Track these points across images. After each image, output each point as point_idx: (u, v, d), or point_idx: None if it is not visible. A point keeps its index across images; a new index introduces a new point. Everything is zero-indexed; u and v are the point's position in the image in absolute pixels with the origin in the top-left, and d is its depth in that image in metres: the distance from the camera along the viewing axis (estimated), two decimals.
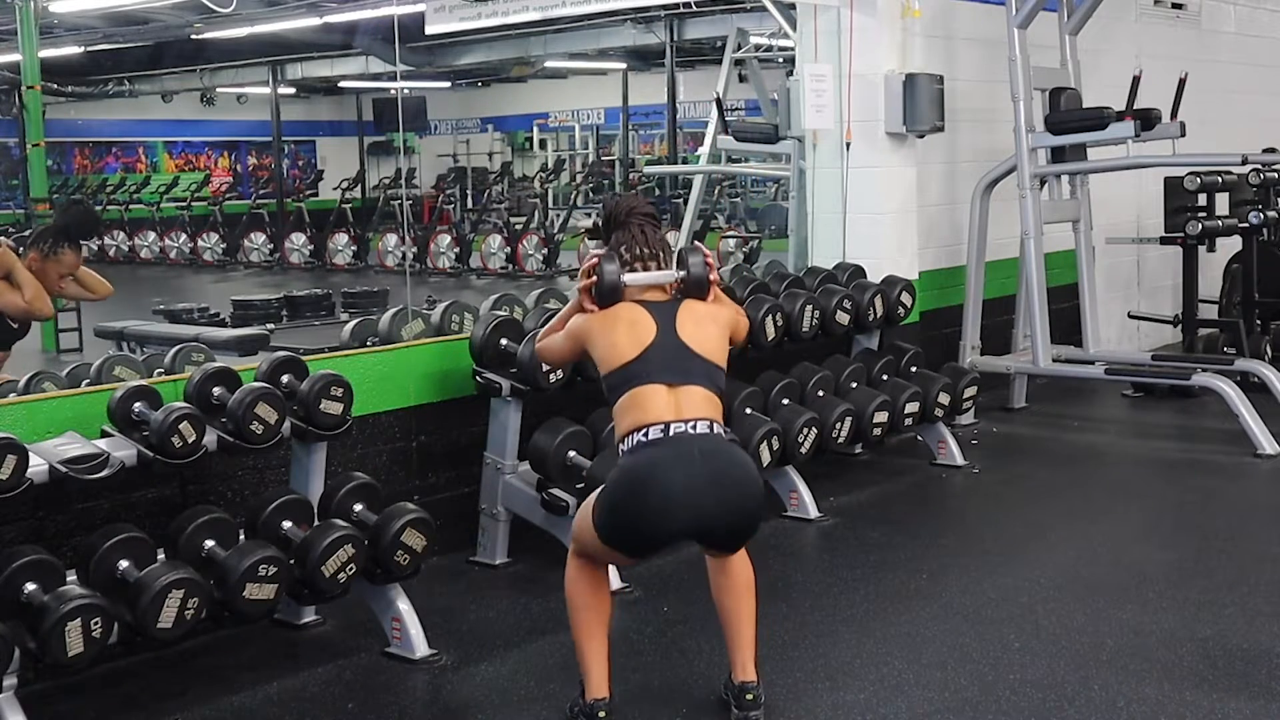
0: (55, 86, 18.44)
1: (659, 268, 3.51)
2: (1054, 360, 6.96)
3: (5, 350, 5.67)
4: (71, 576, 3.56)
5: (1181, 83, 6.82)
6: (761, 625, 3.52)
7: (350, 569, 3.82)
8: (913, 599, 4.44)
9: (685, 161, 17.75)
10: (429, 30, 9.36)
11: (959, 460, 6.13)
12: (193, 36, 15.41)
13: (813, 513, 5.32)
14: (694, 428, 3.27)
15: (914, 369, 6.16)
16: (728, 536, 3.35)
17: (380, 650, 4.04)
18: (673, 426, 3.26)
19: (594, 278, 3.42)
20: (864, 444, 6.08)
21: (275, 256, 18.02)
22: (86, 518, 3.88)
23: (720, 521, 3.29)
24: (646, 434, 3.27)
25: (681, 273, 3.47)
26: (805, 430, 5.29)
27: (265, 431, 3.87)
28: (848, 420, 5.54)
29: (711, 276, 3.48)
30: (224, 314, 11.07)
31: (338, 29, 14.77)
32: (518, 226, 17.17)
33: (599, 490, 3.38)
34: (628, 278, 3.45)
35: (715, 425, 3.32)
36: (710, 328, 3.44)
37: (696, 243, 3.67)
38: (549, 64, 19.45)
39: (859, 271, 6.38)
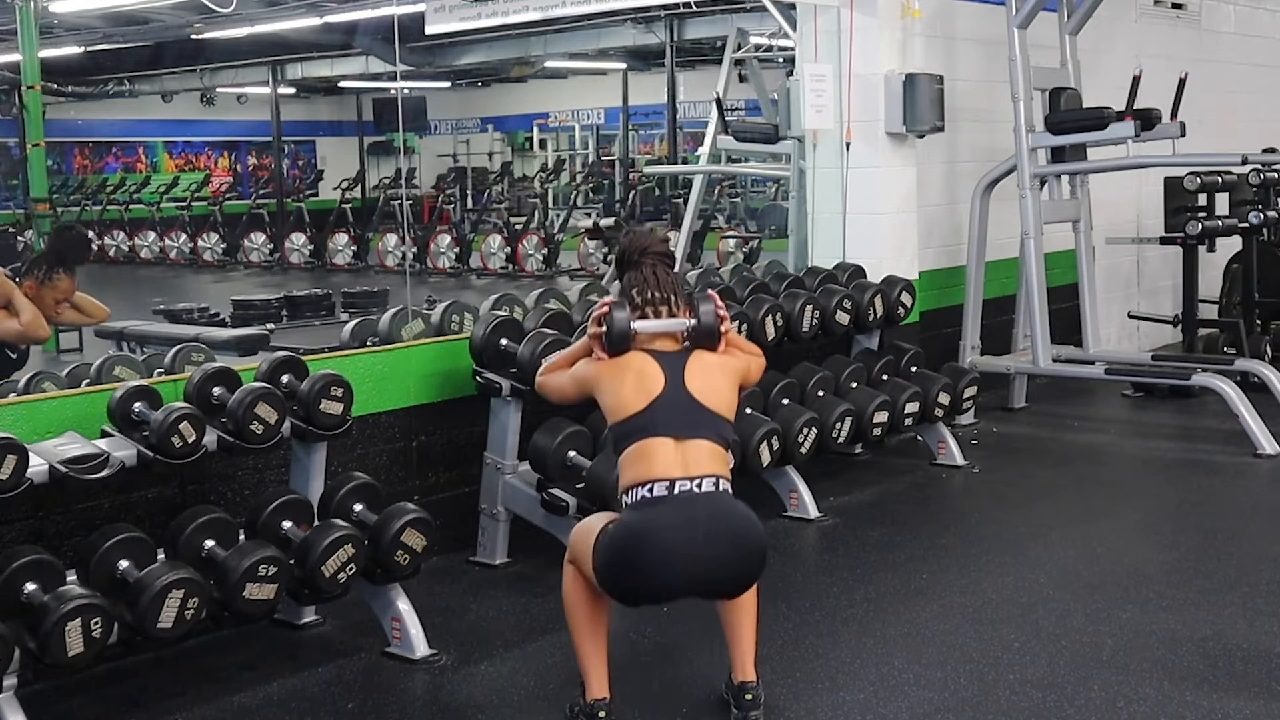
0: (55, 86, 18.41)
1: (670, 312, 3.47)
2: (1054, 360, 6.96)
3: (4, 377, 5.67)
4: (71, 576, 3.56)
5: (1181, 83, 6.83)
6: (761, 625, 3.52)
7: (350, 569, 3.82)
8: (913, 599, 4.45)
9: (685, 161, 17.72)
10: (429, 30, 9.36)
11: (959, 460, 6.13)
12: (193, 36, 15.37)
13: (813, 513, 5.32)
14: (699, 486, 3.25)
15: (914, 369, 6.16)
16: (730, 590, 3.34)
17: (380, 650, 4.04)
18: (678, 484, 3.24)
19: (604, 326, 3.40)
20: (864, 444, 6.08)
21: (275, 256, 18.01)
22: (86, 518, 3.88)
23: (722, 576, 3.27)
24: (651, 489, 3.24)
25: (692, 321, 3.44)
26: (805, 430, 5.29)
27: (265, 431, 3.88)
28: (848, 420, 5.54)
29: (723, 327, 3.45)
30: (224, 314, 11.07)
31: (338, 29, 14.74)
32: (518, 226, 17.15)
33: (601, 532, 3.30)
34: (638, 325, 3.41)
35: (721, 481, 3.30)
36: (719, 379, 3.42)
37: (709, 291, 3.61)
38: (549, 64, 19.44)
39: (859, 271, 6.38)
